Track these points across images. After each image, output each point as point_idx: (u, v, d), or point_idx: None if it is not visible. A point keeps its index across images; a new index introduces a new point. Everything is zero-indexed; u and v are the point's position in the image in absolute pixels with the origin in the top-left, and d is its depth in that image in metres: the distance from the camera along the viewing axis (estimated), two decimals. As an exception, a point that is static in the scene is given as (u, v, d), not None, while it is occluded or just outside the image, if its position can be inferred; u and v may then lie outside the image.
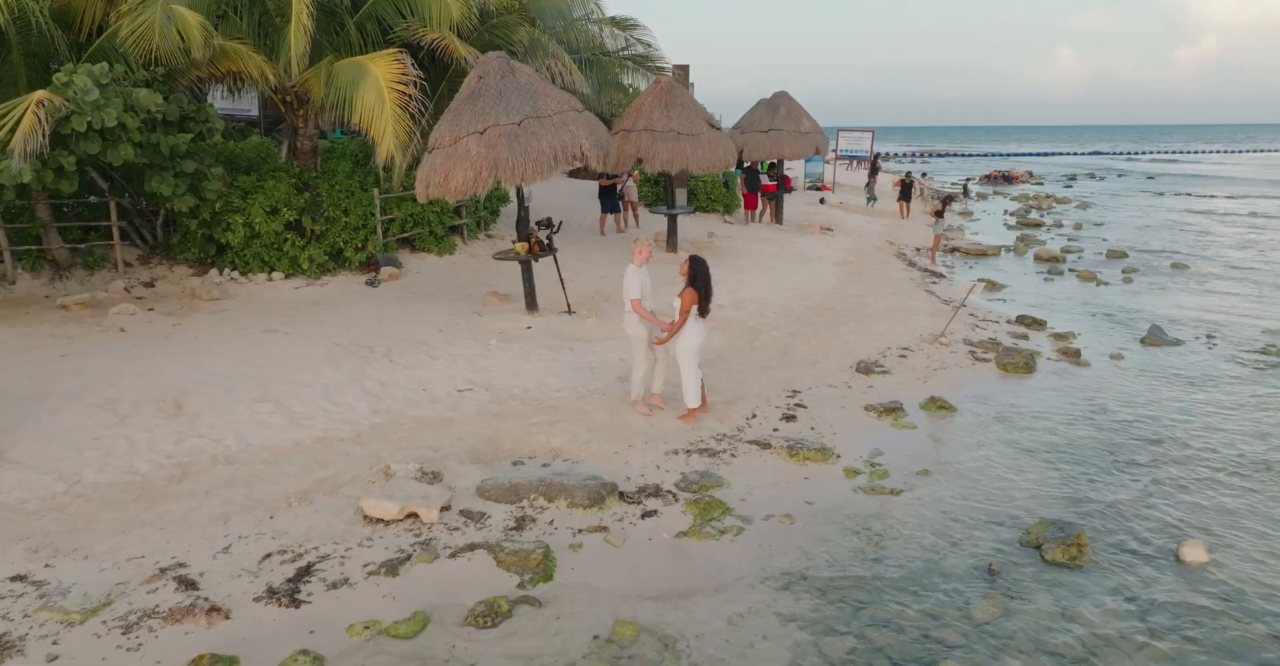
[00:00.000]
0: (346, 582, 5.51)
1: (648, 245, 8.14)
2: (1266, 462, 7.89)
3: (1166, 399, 9.70)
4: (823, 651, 5.06)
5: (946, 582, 5.83)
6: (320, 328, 10.51)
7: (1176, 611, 5.51)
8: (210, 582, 5.43)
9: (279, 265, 12.66)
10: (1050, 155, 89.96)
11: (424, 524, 6.22)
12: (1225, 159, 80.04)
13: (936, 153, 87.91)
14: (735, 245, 18.12)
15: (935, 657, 4.98)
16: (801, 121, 20.67)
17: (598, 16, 15.65)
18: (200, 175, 11.21)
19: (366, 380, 8.79)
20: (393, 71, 11.24)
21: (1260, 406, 9.44)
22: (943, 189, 41.54)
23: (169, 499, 6.39)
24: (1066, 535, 6.19)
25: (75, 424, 7.42)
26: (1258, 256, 20.95)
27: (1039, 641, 5.16)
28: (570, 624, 5.23)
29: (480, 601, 5.34)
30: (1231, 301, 15.36)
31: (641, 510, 6.60)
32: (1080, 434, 8.59)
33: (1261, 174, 55.75)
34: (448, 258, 15.20)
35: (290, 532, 6.04)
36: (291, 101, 13.11)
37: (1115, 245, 22.26)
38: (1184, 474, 7.66)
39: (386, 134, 11.04)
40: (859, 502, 6.95)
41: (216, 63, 11.61)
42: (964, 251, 21.23)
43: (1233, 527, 6.65)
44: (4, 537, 5.79)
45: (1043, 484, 7.44)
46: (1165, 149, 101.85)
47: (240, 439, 7.33)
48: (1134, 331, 12.95)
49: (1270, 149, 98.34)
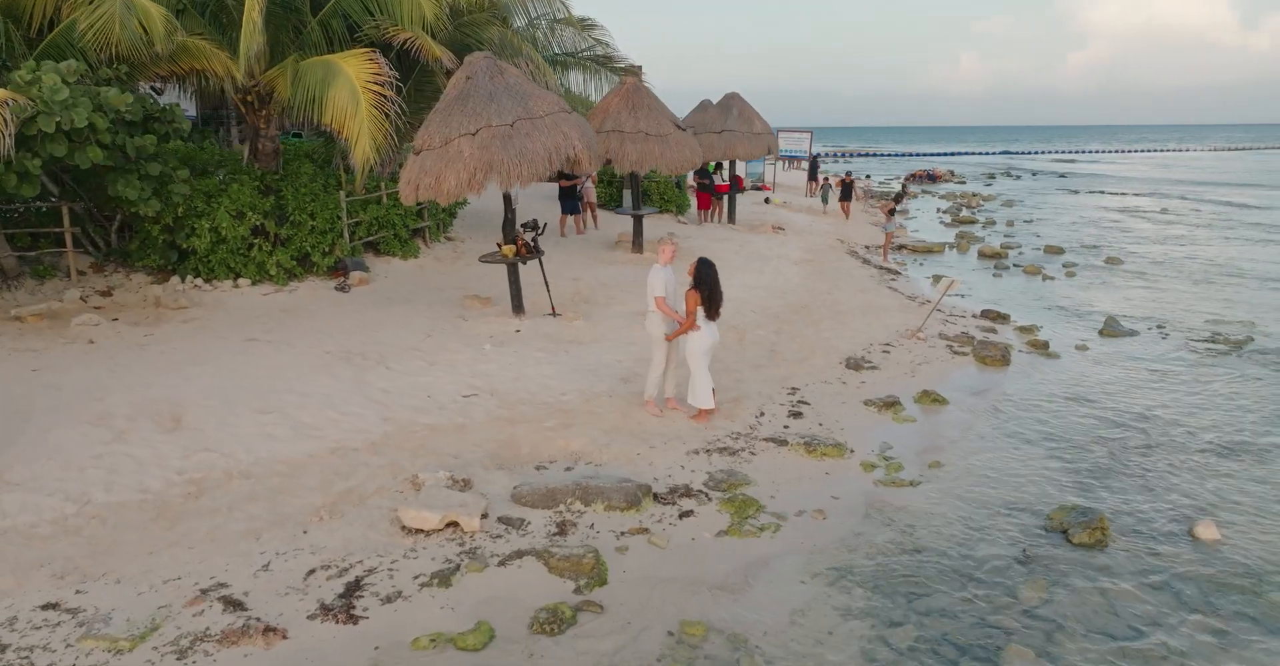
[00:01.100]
0: (400, 595, 5.37)
1: (672, 244, 8.17)
2: (1246, 444, 8.38)
3: (1140, 387, 10.19)
4: (889, 642, 5.16)
5: (986, 569, 6.01)
6: (303, 335, 10.19)
7: (1204, 586, 5.81)
8: (257, 602, 5.23)
9: (246, 271, 12.20)
10: (961, 154, 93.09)
11: (465, 532, 6.10)
12: (1119, 158, 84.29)
13: (857, 152, 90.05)
14: (696, 245, 18.22)
15: (998, 643, 5.14)
16: (754, 122, 20.97)
17: (564, 15, 15.54)
18: (166, 178, 10.71)
19: (368, 388, 8.57)
20: (367, 71, 10.97)
21: (1228, 392, 10.01)
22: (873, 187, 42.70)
23: (191, 516, 6.11)
24: (1089, 519, 6.46)
25: (70, 441, 7.03)
26: (1181, 250, 22.14)
27: (1088, 622, 5.38)
28: (637, 626, 5.21)
29: (541, 608, 5.28)
30: (1170, 293, 16.21)
31: (678, 510, 6.62)
32: (1070, 422, 8.96)
33: (1158, 173, 58.82)
34: (413, 261, 14.91)
35: (329, 546, 5.85)
36: (253, 101, 12.65)
37: (1050, 241, 23.23)
38: (1175, 457, 8.07)
39: (362, 135, 10.76)
40: (882, 495, 7.11)
41: (178, 60, 11.13)
42: (911, 249, 21.85)
43: (1233, 505, 7.05)
44: (22, 564, 5.45)
45: (1048, 471, 7.74)
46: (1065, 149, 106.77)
47: (251, 452, 7.06)
48: (1090, 323, 13.56)
49: (1157, 148, 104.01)
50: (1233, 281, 17.42)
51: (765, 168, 33.19)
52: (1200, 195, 39.81)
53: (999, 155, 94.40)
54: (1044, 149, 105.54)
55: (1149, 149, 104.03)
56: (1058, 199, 39.26)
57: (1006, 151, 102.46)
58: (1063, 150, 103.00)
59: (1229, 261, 20.03)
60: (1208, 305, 15.04)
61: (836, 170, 41.62)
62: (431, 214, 16.02)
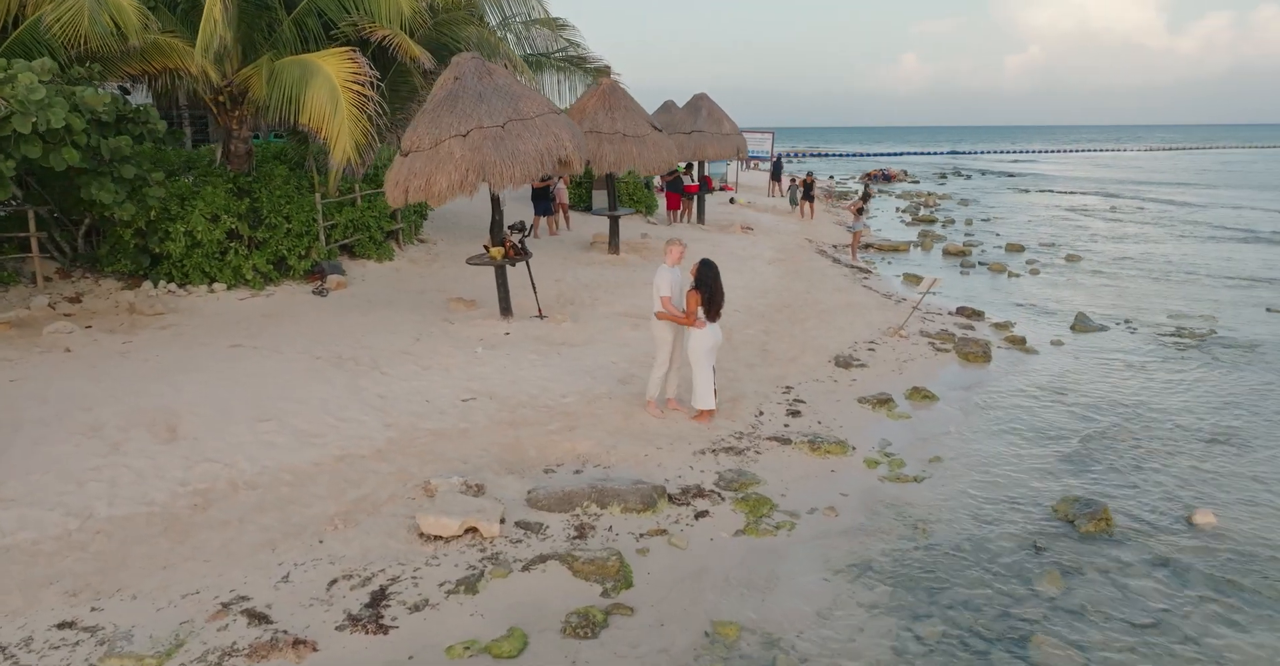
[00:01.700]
0: (428, 603, 5.30)
1: (680, 245, 8.18)
2: (1226, 433, 8.68)
3: (1118, 380, 10.49)
4: (919, 636, 5.24)
5: (1001, 561, 6.14)
6: (289, 341, 9.98)
7: (1209, 571, 6.01)
8: (282, 614, 5.11)
9: (221, 276, 11.91)
10: (909, 154, 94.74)
11: (485, 538, 6.04)
12: (1060, 158, 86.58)
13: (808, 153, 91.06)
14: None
15: (1025, 632, 5.26)
16: (723, 123, 21.10)
17: (539, 14, 15.43)
18: (140, 181, 10.40)
19: (364, 393, 8.43)
20: (347, 70, 10.77)
21: (1201, 384, 10.35)
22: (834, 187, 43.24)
23: (201, 529, 5.95)
24: (1094, 509, 6.63)
25: (64, 454, 6.79)
26: (1136, 248, 22.83)
27: (1106, 609, 5.52)
28: (670, 628, 5.21)
29: (572, 612, 5.25)
30: (1131, 290, 16.71)
31: (693, 511, 6.64)
32: (1057, 415, 9.19)
33: (1100, 173, 60.58)
34: (388, 264, 14.69)
35: (347, 556, 5.75)
36: (225, 102, 12.35)
37: (1010, 239, 23.78)
38: (1161, 447, 8.32)
39: (342, 135, 10.56)
40: (888, 492, 7.21)
41: (150, 58, 10.82)
42: (877, 248, 22.19)
43: (1223, 492, 7.30)
44: (30, 582, 5.26)
45: (1043, 463, 7.92)
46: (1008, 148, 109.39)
47: (254, 461, 6.90)
48: (1060, 319, 13.92)
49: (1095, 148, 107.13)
50: (1188, 278, 18.01)
51: (728, 168, 33.38)
52: (1143, 194, 41.12)
53: (946, 155, 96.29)
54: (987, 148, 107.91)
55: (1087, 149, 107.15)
56: (1010, 198, 40.20)
57: (953, 151, 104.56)
58: (1006, 150, 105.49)
59: (1182, 259, 20.72)
60: (1168, 301, 15.53)
61: (795, 170, 42.03)
62: (404, 216, 15.82)
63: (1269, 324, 13.54)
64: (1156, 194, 41.21)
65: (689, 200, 22.43)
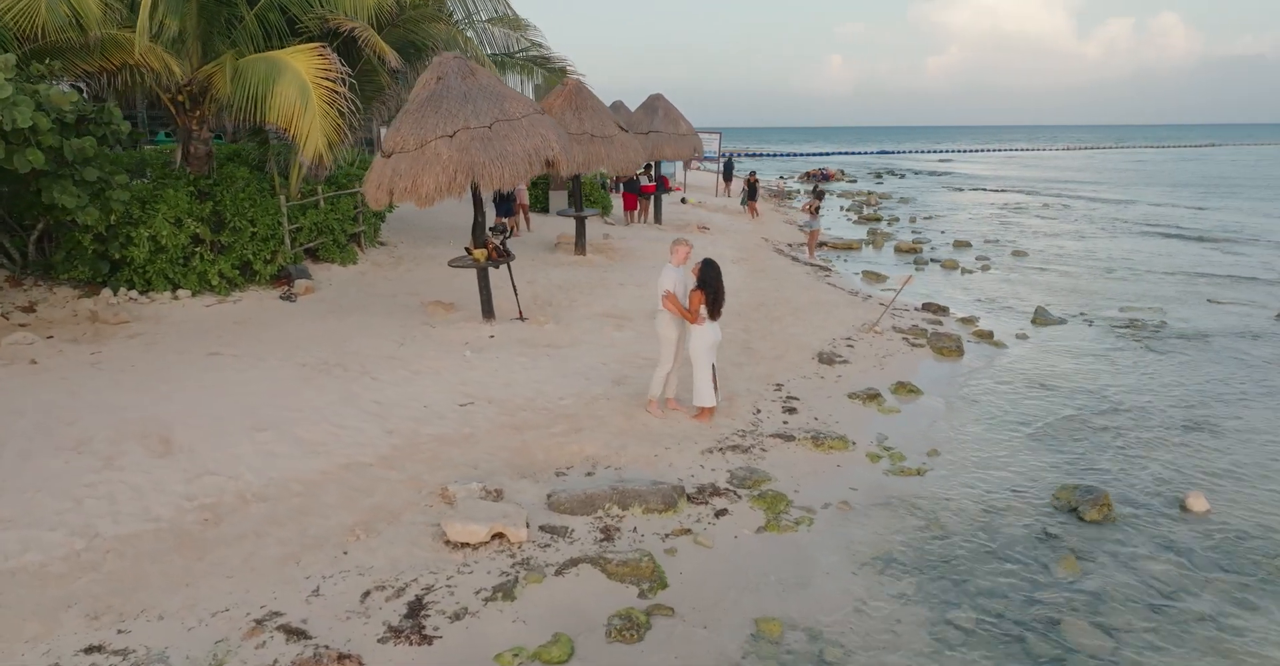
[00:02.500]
0: (467, 612, 5.21)
1: (687, 245, 8.19)
2: (1198, 420, 9.09)
3: (1088, 371, 10.89)
4: (956, 625, 5.37)
5: (1016, 548, 6.33)
6: (268, 348, 9.68)
7: (1211, 553, 6.30)
8: (319, 629, 4.97)
9: (186, 282, 11.48)
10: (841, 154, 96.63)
11: (512, 544, 5.97)
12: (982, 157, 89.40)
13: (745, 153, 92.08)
14: (633, 245, 18.32)
15: (1054, 617, 5.43)
16: (679, 124, 21.19)
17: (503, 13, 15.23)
18: (103, 184, 9.95)
19: (358, 399, 8.23)
20: (316, 66, 10.49)
21: (1164, 373, 10.83)
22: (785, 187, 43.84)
23: (216, 544, 5.74)
24: (1095, 497, 6.88)
25: (55, 470, 6.47)
26: (1075, 244, 23.70)
27: (1123, 592, 5.74)
28: (715, 627, 5.23)
29: (614, 615, 5.24)
30: (1080, 284, 17.35)
31: (713, 510, 6.67)
32: (1037, 406, 9.49)
33: (1026, 172, 62.64)
34: (352, 267, 14.37)
35: (375, 566, 5.61)
36: (184, 102, 11.91)
37: (956, 237, 24.46)
38: (1140, 434, 8.68)
39: (313, 131, 10.25)
40: (894, 485, 7.36)
41: (109, 54, 10.36)
42: (830, 246, 22.57)
43: (1208, 476, 7.65)
44: (45, 606, 5.00)
45: (1033, 453, 8.19)
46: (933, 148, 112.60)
47: (259, 473, 6.68)
48: (1020, 313, 14.38)
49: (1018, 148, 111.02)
50: (1129, 273, 18.78)
51: (675, 168, 33.53)
52: (1068, 192, 42.71)
53: (876, 154, 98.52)
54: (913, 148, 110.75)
55: (1008, 148, 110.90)
56: (946, 197, 41.33)
57: (883, 151, 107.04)
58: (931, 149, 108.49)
59: (1120, 255, 21.60)
60: (1115, 295, 16.17)
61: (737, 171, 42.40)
62: (365, 218, 15.50)
63: (1214, 315, 14.22)
64: (1081, 192, 42.86)
65: (645, 200, 22.48)
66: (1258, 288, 16.87)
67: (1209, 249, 22.55)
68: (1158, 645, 5.17)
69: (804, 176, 53.89)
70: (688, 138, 21.31)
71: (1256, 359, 11.51)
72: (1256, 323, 13.65)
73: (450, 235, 18.50)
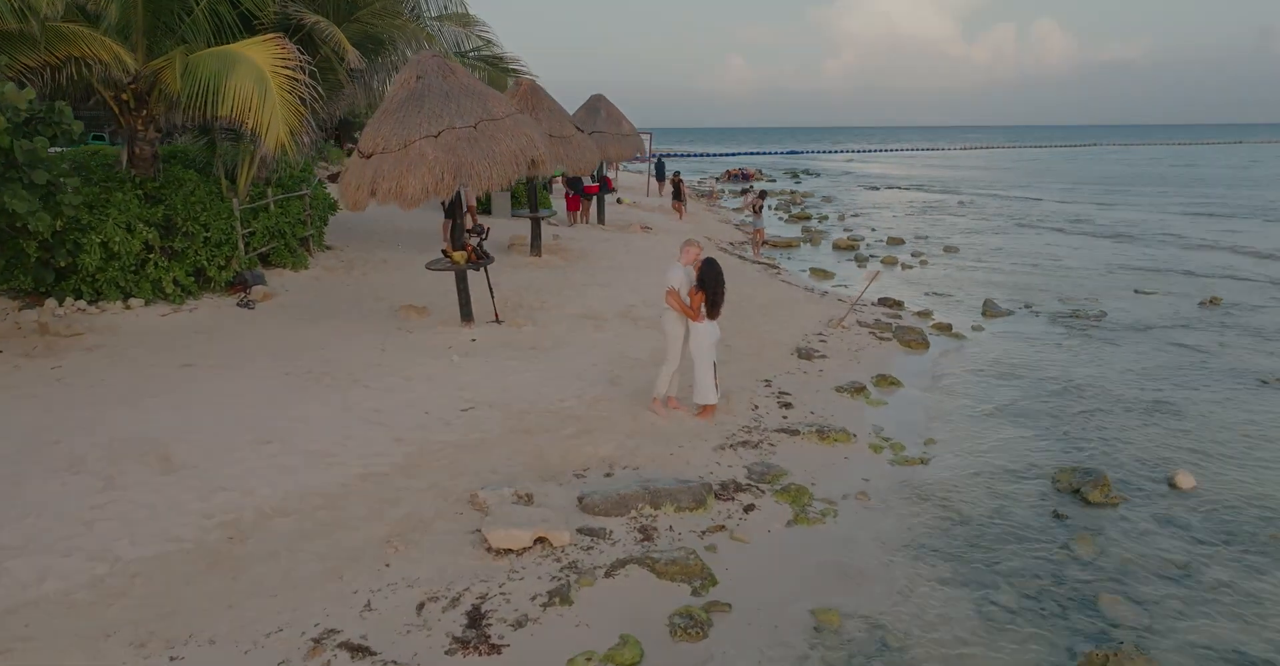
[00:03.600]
0: (528, 618, 5.13)
1: (698, 246, 8.23)
2: (1160, 402, 9.64)
3: (1047, 360, 11.42)
4: (999, 605, 5.57)
5: (1032, 530, 6.61)
6: (245, 358, 9.28)
7: (1208, 525, 6.70)
8: (382, 644, 4.81)
9: (139, 290, 10.89)
10: (753, 154, 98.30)
11: (555, 547, 5.90)
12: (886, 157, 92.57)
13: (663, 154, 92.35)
14: (585, 246, 18.25)
15: (1090, 593, 5.69)
16: (621, 124, 21.21)
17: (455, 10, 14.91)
18: (54, 187, 9.34)
19: (357, 408, 7.98)
20: (274, 55, 10.05)
21: (1117, 359, 11.44)
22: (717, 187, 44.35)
23: (250, 563, 5.49)
24: (1095, 478, 7.23)
25: (53, 493, 6.07)
26: (999, 239, 24.77)
27: (1143, 566, 6.06)
28: (775, 621, 5.28)
29: (674, 614, 5.24)
30: (1015, 277, 18.16)
31: (740, 505, 6.73)
32: (1013, 394, 9.91)
33: (934, 171, 65.16)
34: (304, 272, 13.88)
35: (422, 577, 5.46)
36: (129, 101, 11.29)
37: (886, 234, 25.23)
38: (1112, 418, 9.15)
39: (275, 121, 9.76)
40: (903, 475, 7.58)
41: (53, 47, 9.73)
42: (771, 243, 22.98)
43: (1186, 453, 8.14)
44: (83, 636, 4.69)
45: (1023, 438, 8.55)
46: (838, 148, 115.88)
47: (274, 486, 6.41)
48: (969, 306, 14.97)
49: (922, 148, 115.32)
50: (1057, 266, 19.75)
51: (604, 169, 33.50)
52: (979, 190, 44.63)
53: (787, 155, 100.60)
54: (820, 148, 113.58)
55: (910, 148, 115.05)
56: (865, 195, 42.59)
57: (792, 151, 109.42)
58: (841, 149, 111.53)
59: (1044, 249, 22.69)
60: (1050, 287, 16.99)
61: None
62: (313, 222, 15.00)
63: (1146, 305, 15.10)
64: (990, 190, 44.83)
65: (588, 201, 22.43)
66: (1174, 278, 17.99)
67: (1122, 243, 23.88)
68: (1186, 614, 5.49)
69: (725, 176, 54.64)
70: (631, 138, 21.36)
71: (1194, 344, 12.28)
72: (1185, 310, 14.57)
73: (395, 239, 18.09)
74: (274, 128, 9.77)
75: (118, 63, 9.86)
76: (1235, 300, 15.42)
